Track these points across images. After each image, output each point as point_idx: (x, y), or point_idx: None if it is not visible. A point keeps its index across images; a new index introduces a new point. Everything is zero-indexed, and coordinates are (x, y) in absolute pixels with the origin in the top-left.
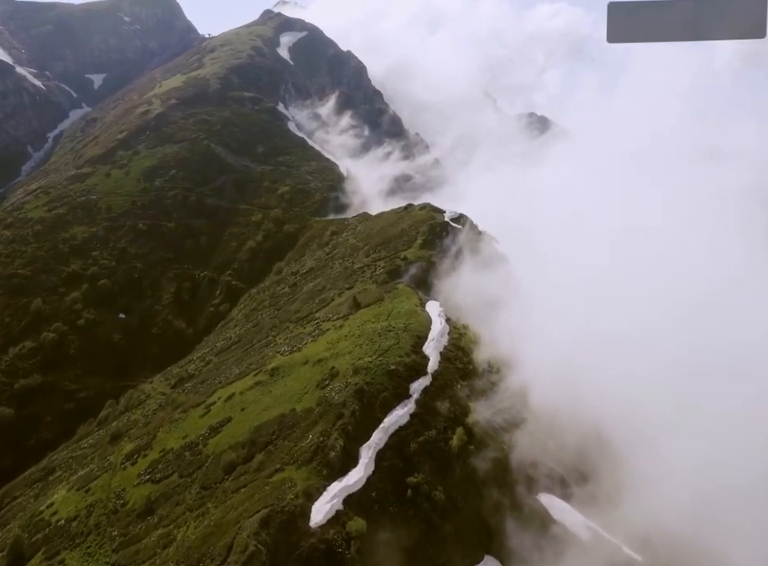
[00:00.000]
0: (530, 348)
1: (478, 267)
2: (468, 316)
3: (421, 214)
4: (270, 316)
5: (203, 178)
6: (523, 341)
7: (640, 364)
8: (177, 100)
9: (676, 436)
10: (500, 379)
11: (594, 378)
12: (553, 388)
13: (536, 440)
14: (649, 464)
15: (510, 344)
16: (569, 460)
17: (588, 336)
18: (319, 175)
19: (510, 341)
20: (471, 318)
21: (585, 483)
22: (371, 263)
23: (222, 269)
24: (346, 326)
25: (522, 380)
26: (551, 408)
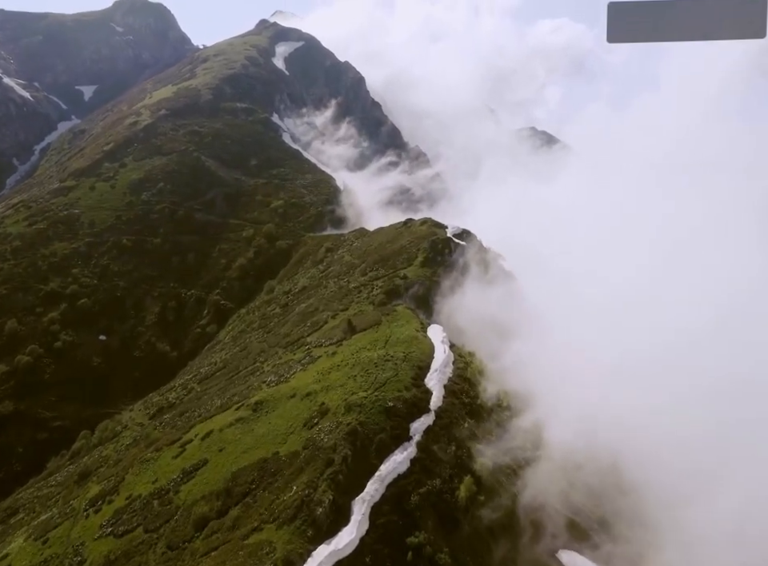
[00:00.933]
0: (543, 379)
1: (484, 287)
2: (474, 342)
3: (421, 230)
4: (258, 340)
5: (192, 192)
6: (535, 371)
7: (665, 394)
8: (167, 111)
9: (713, 479)
10: (511, 415)
11: (614, 412)
12: (569, 423)
13: (552, 484)
14: (680, 513)
15: (521, 374)
16: (589, 506)
17: (607, 364)
18: (314, 188)
19: (520, 371)
20: (477, 344)
21: (608, 535)
22: (368, 282)
23: (210, 288)
24: (339, 353)
25: (535, 416)
26: (567, 447)
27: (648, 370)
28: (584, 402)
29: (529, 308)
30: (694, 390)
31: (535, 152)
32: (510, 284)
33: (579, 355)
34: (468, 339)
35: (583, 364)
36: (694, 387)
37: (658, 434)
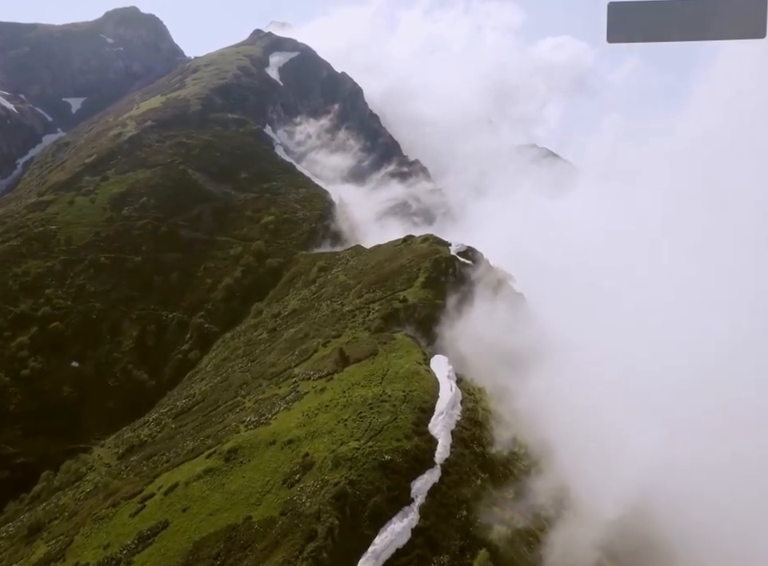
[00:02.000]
0: (563, 420)
1: (493, 311)
2: (483, 375)
3: (423, 247)
4: (241, 369)
5: (177, 207)
6: (554, 409)
7: (712, 440)
8: (153, 122)
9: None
10: (530, 465)
11: (650, 460)
12: (597, 474)
13: (582, 551)
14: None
15: (539, 413)
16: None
17: (635, 399)
18: (308, 203)
19: (537, 410)
20: (487, 378)
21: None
22: (364, 305)
23: (194, 310)
24: (328, 390)
25: (557, 467)
26: (597, 505)
27: (685, 405)
28: (614, 448)
29: (543, 333)
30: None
31: (539, 167)
32: (522, 307)
33: (604, 389)
34: (477, 371)
35: (609, 399)
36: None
37: (705, 495)
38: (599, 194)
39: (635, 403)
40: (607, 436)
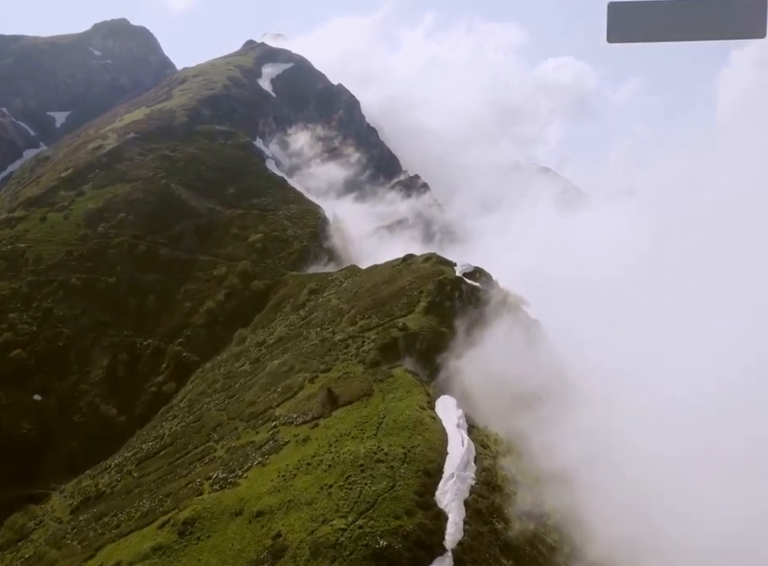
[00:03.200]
0: (597, 477)
1: (507, 341)
2: (497, 419)
3: (424, 267)
4: (217, 407)
5: (158, 224)
6: (585, 461)
7: None
8: (136, 134)
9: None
10: (561, 542)
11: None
12: (638, 545)
13: None
14: None
15: (567, 467)
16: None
17: (686, 451)
18: (299, 220)
19: (565, 462)
20: (502, 422)
21: None
22: (358, 334)
23: (172, 337)
24: (312, 440)
25: (597, 539)
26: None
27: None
28: (664, 519)
29: (564, 365)
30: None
31: (541, 185)
32: (538, 335)
33: (643, 428)
34: (489, 414)
35: (650, 450)
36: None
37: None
38: (611, 213)
39: (678, 452)
40: (662, 493)
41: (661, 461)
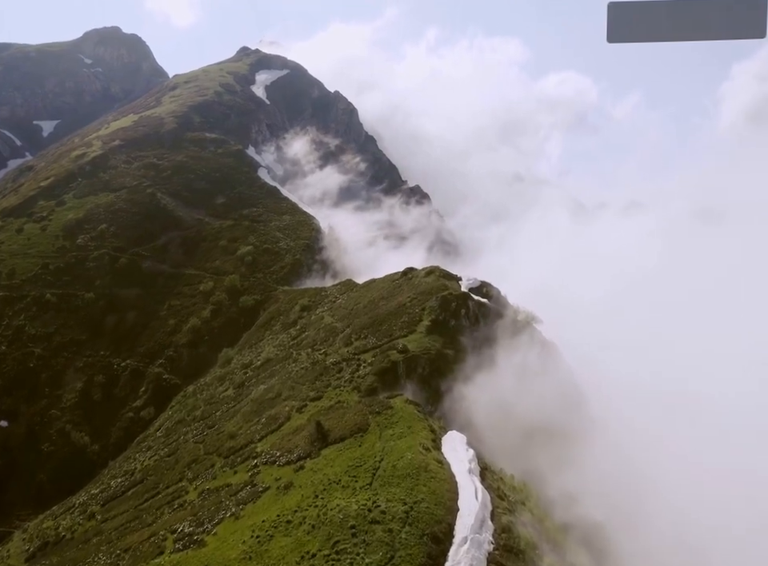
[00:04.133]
0: (630, 530)
1: (519, 365)
2: (510, 458)
3: (427, 282)
4: (195, 439)
5: (142, 235)
6: (615, 508)
7: None
8: (121, 141)
9: None
10: None
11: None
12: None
13: None
14: None
15: (595, 526)
16: None
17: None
18: (292, 232)
19: (591, 515)
20: (515, 461)
21: None
22: (352, 356)
23: (152, 357)
24: (295, 488)
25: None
26: None
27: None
28: None
29: (585, 393)
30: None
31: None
32: (555, 359)
33: (678, 482)
34: (501, 451)
35: (686, 496)
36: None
37: None
38: (624, 225)
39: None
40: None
41: (700, 507)
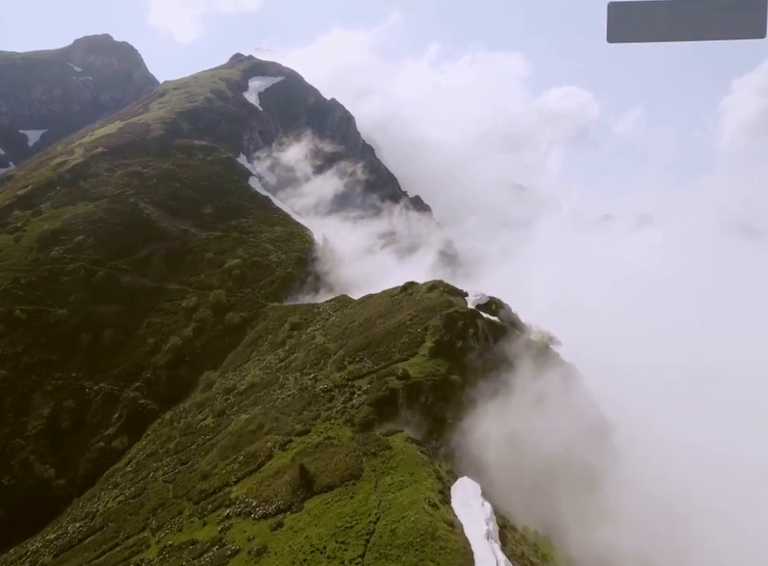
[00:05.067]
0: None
1: (536, 393)
2: (529, 505)
3: (429, 298)
4: (165, 477)
5: (122, 247)
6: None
7: None
8: (105, 148)
9: None
10: None
11: None
12: None
13: None
14: None
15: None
16: None
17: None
18: (284, 244)
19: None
20: (535, 509)
21: None
22: (346, 382)
23: (128, 380)
24: (270, 554)
25: None
26: None
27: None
28: None
29: (607, 424)
30: None
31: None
32: (574, 385)
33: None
34: (522, 499)
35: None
36: None
37: None
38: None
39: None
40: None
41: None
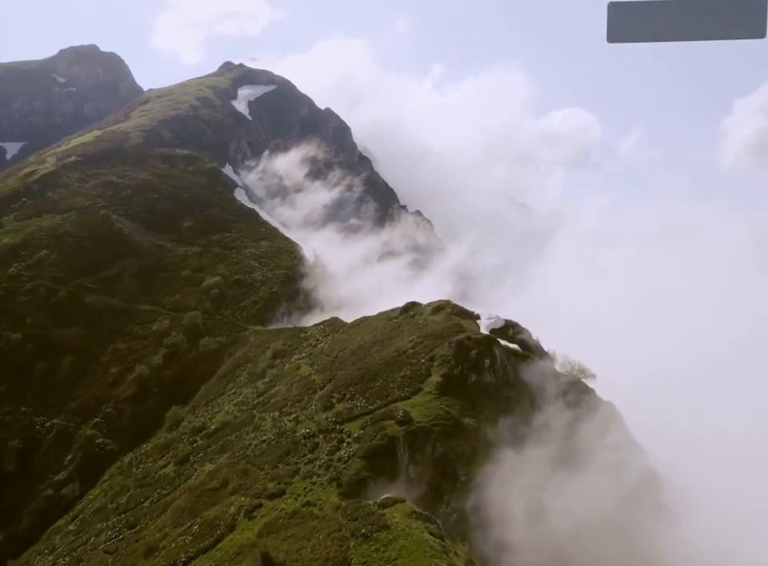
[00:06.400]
0: None
1: (569, 439)
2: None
3: (435, 321)
4: (106, 545)
5: (89, 264)
6: None
7: None
8: (78, 157)
9: None
10: None
11: None
12: None
13: None
14: None
15: None
16: None
17: None
18: (271, 260)
19: None
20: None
21: None
22: (333, 425)
23: (86, 415)
24: None
25: None
26: None
27: None
28: None
29: (660, 480)
30: None
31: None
32: (615, 430)
33: None
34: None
35: None
36: None
37: None
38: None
39: None
40: None
41: None
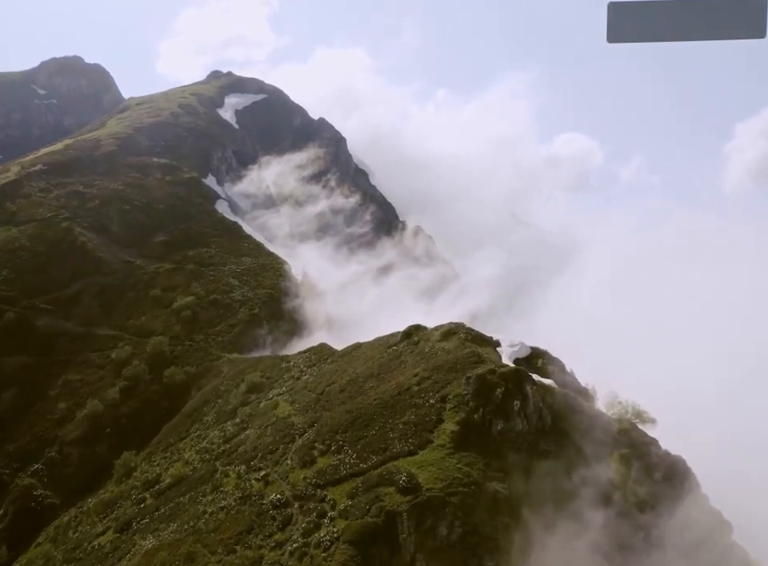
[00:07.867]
0: None
1: (631, 513)
2: None
3: (446, 349)
4: None
5: (44, 282)
6: None
7: None
8: (44, 166)
9: None
10: None
11: None
12: None
13: None
14: None
15: None
16: None
17: None
18: (253, 279)
19: None
20: None
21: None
22: (313, 489)
23: (25, 460)
24: None
25: None
26: None
27: None
28: None
29: None
30: None
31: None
32: (689, 495)
33: None
34: None
35: None
36: None
37: None
38: None
39: None
40: None
41: None
